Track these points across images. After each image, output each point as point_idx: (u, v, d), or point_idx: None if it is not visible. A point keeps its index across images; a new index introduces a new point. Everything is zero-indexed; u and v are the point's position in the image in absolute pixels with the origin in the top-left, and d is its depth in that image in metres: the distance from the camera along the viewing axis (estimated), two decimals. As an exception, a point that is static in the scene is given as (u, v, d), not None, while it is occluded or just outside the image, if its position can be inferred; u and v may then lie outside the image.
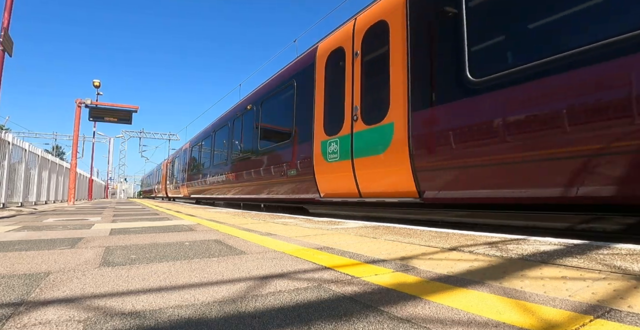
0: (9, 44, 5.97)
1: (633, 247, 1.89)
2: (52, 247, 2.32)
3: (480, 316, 1.00)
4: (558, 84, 2.69)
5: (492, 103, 3.12)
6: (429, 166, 3.71)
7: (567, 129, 2.61)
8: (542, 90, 2.78)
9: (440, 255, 1.90)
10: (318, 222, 4.07)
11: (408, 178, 3.95)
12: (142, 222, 4.33)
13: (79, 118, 13.62)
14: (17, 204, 9.88)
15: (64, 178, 16.39)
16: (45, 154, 13.19)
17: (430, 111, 3.72)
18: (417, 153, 3.82)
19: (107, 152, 39.63)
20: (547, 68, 2.76)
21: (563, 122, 2.63)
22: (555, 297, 1.14)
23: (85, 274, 1.56)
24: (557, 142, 2.66)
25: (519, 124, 2.89)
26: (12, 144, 9.16)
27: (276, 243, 2.46)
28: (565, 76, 2.66)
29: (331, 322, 0.97)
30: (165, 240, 2.68)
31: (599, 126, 2.46)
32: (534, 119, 2.80)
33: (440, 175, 3.60)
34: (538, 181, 2.82)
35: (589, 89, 2.52)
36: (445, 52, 3.65)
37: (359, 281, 1.40)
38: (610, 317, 0.96)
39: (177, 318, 1.01)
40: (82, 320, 0.99)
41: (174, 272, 1.58)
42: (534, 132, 2.79)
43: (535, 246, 2.03)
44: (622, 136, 2.33)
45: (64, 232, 3.29)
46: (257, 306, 1.11)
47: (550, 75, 2.74)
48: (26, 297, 1.22)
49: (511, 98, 2.97)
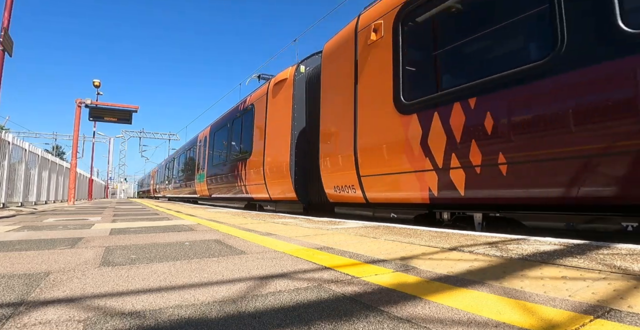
0: (9, 44, 5.96)
1: (633, 247, 1.89)
2: (52, 247, 2.32)
3: (480, 316, 1.00)
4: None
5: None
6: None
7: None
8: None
9: (441, 255, 1.90)
10: (318, 222, 4.07)
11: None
12: (142, 222, 4.33)
13: (79, 118, 13.62)
14: (17, 203, 9.88)
15: (64, 178, 16.39)
16: (45, 154, 13.19)
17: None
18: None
19: (107, 152, 39.62)
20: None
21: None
22: (555, 297, 1.14)
23: (85, 273, 1.56)
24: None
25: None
26: (12, 144, 9.16)
27: (276, 243, 2.46)
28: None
29: (331, 322, 0.97)
30: (165, 240, 2.68)
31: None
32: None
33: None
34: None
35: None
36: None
37: (359, 281, 1.40)
38: (610, 317, 0.96)
39: (177, 318, 1.01)
40: (82, 320, 0.99)
41: (174, 272, 1.58)
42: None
43: (535, 246, 2.03)
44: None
45: (64, 232, 3.29)
46: (257, 306, 1.11)
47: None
48: (26, 297, 1.22)
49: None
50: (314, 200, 6.24)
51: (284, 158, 6.40)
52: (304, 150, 6.25)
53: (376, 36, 4.29)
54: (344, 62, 4.92)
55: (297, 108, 6.32)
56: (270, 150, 7.02)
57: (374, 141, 4.23)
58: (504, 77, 2.95)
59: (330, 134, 5.13)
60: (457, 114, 3.25)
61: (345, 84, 4.83)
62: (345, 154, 4.71)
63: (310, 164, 5.96)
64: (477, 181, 3.11)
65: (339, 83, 5.04)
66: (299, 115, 6.31)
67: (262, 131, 7.39)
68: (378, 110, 4.19)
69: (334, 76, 5.22)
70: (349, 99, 4.72)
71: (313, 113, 6.01)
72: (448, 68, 3.73)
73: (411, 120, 3.71)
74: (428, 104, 3.57)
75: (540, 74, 2.69)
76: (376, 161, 4.20)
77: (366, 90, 4.44)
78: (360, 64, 4.58)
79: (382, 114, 4.12)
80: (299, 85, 6.42)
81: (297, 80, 6.42)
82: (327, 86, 5.37)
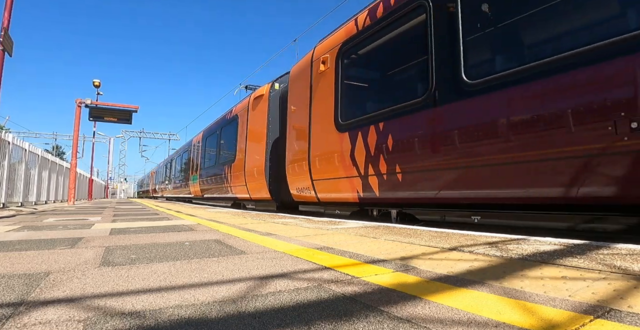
0: (9, 44, 5.96)
1: (633, 247, 1.89)
2: (52, 247, 2.32)
3: (480, 316, 1.00)
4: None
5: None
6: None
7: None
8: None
9: (441, 255, 1.90)
10: (318, 222, 4.07)
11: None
12: (142, 222, 4.33)
13: (79, 118, 13.61)
14: (17, 203, 9.88)
15: (64, 178, 16.39)
16: (45, 154, 13.19)
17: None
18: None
19: (107, 152, 39.60)
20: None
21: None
22: (555, 297, 1.14)
23: (85, 273, 1.56)
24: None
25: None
26: (12, 144, 9.16)
27: (276, 243, 2.46)
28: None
29: (331, 322, 0.97)
30: (165, 240, 2.68)
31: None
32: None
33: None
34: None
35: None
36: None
37: (359, 281, 1.40)
38: (610, 317, 0.96)
39: (177, 318, 1.01)
40: (82, 320, 0.99)
41: (174, 272, 1.58)
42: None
43: (535, 246, 2.03)
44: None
45: (64, 232, 3.29)
46: (257, 306, 1.11)
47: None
48: (26, 297, 1.22)
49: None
50: (285, 199, 7.08)
51: (261, 163, 7.39)
52: (277, 157, 7.10)
53: (324, 67, 5.37)
54: (303, 85, 5.95)
55: (272, 120, 7.35)
56: (249, 156, 8.02)
57: (322, 152, 5.26)
58: (399, 108, 3.94)
59: (293, 144, 6.11)
60: (372, 134, 4.27)
61: (304, 104, 5.86)
62: (303, 162, 5.71)
63: (282, 169, 6.65)
64: (385, 185, 4.10)
65: (300, 102, 6.01)
66: (273, 126, 7.33)
67: (244, 139, 8.43)
68: (325, 128, 5.22)
69: (297, 96, 6.17)
70: (306, 116, 5.75)
71: (283, 125, 6.94)
72: (367, 97, 4.82)
73: (344, 137, 4.75)
74: (354, 125, 4.61)
75: (419, 108, 3.68)
76: (323, 168, 5.21)
77: (317, 111, 5.48)
78: (313, 89, 5.64)
79: (327, 131, 5.16)
80: (273, 100, 7.44)
81: (271, 96, 7.46)
82: (291, 104, 6.33)
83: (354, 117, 4.63)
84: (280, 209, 7.36)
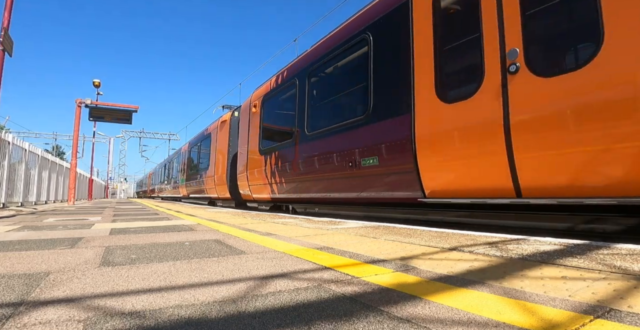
0: (9, 44, 5.96)
1: (633, 247, 1.89)
2: (52, 247, 2.32)
3: (480, 316, 1.00)
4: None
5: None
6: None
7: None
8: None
9: (441, 255, 1.90)
10: (318, 222, 4.07)
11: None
12: (142, 222, 4.33)
13: (79, 118, 13.61)
14: (17, 203, 9.88)
15: (64, 178, 16.39)
16: (45, 154, 13.19)
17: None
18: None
19: (107, 152, 39.58)
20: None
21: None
22: (555, 297, 1.14)
23: (85, 273, 1.56)
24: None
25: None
26: (12, 144, 9.16)
27: (276, 243, 2.46)
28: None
29: (331, 322, 0.97)
30: (165, 240, 2.68)
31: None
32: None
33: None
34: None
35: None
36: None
37: (359, 281, 1.40)
38: (610, 317, 0.96)
39: (177, 318, 1.01)
40: (82, 320, 0.99)
41: (174, 272, 1.58)
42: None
43: (535, 246, 2.03)
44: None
45: (64, 232, 3.29)
46: (257, 306, 1.11)
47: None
48: (26, 297, 1.22)
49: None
50: (238, 199, 9.50)
51: (223, 171, 10.22)
52: (234, 167, 9.51)
53: (255, 109, 7.93)
54: (245, 119, 8.60)
55: (232, 139, 10.08)
56: (217, 166, 10.79)
57: (253, 167, 7.78)
58: (283, 144, 6.57)
59: (241, 160, 8.67)
60: (272, 157, 6.88)
61: (245, 132, 8.48)
62: (244, 173, 8.27)
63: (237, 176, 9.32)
64: (278, 189, 6.70)
65: (243, 131, 8.67)
66: (233, 144, 10.02)
67: (214, 152, 11.24)
68: (254, 151, 7.80)
69: (242, 126, 8.81)
70: (245, 141, 8.38)
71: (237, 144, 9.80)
72: (273, 134, 7.29)
73: (262, 158, 7.32)
74: (266, 152, 7.21)
75: (289, 145, 6.25)
76: (255, 177, 7.71)
77: (252, 139, 8.02)
78: (250, 123, 8.21)
79: (256, 153, 7.70)
80: (234, 125, 10.14)
81: (232, 121, 10.21)
82: (240, 130, 8.99)
83: (266, 146, 7.27)
84: (237, 206, 10.04)
